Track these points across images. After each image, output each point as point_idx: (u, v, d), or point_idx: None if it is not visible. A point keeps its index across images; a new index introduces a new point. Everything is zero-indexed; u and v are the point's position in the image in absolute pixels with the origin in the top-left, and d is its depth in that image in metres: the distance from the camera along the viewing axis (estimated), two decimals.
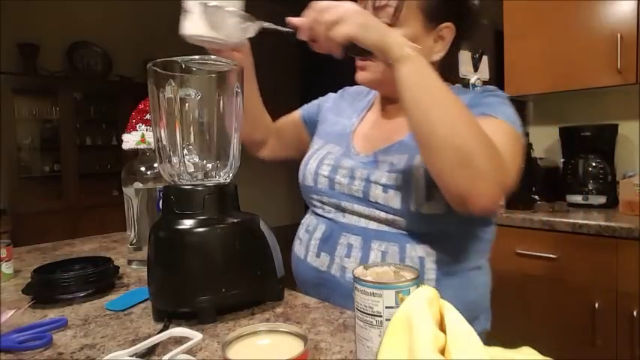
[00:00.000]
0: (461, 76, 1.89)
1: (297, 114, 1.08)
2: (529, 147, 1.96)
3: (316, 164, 0.87)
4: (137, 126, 1.02)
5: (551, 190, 1.98)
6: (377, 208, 0.77)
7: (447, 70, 1.82)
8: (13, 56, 3.62)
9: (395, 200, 0.75)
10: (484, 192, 0.62)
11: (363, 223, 0.80)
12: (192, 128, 0.76)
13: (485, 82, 2.00)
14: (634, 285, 1.49)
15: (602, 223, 1.56)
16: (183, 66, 0.72)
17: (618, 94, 1.98)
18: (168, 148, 0.73)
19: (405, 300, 0.45)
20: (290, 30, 0.68)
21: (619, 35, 1.70)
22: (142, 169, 0.99)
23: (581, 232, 1.60)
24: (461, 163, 0.60)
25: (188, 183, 0.72)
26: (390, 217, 0.76)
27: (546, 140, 2.25)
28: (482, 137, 0.62)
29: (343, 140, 0.89)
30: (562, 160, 2.02)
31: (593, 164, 1.88)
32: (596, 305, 1.57)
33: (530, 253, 1.74)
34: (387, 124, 0.87)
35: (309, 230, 0.88)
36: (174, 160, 0.73)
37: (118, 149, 3.90)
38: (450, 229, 0.76)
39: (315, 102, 1.08)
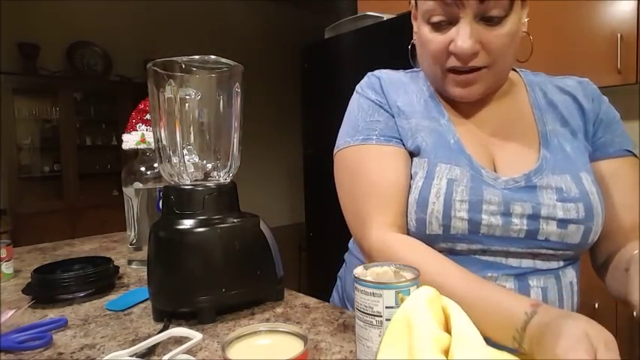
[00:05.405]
0: None
1: (400, 156, 0.68)
2: None
3: (443, 202, 0.62)
4: (137, 126, 1.02)
5: None
6: (544, 247, 0.62)
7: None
8: (13, 56, 3.62)
9: (576, 235, 0.62)
10: None
11: (512, 262, 0.63)
12: (192, 128, 0.76)
13: None
14: None
15: None
16: (183, 66, 0.72)
17: (618, 94, 1.98)
18: (168, 148, 0.73)
19: (405, 300, 0.45)
20: None
21: (619, 35, 1.70)
22: (142, 169, 1.00)
23: None
24: None
25: (188, 183, 0.72)
26: (560, 252, 0.64)
27: None
28: None
29: (460, 157, 0.65)
30: None
31: None
32: (596, 305, 1.57)
33: None
34: (486, 138, 0.69)
35: None
36: (175, 160, 0.73)
37: (118, 149, 3.92)
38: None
39: (381, 119, 0.71)
